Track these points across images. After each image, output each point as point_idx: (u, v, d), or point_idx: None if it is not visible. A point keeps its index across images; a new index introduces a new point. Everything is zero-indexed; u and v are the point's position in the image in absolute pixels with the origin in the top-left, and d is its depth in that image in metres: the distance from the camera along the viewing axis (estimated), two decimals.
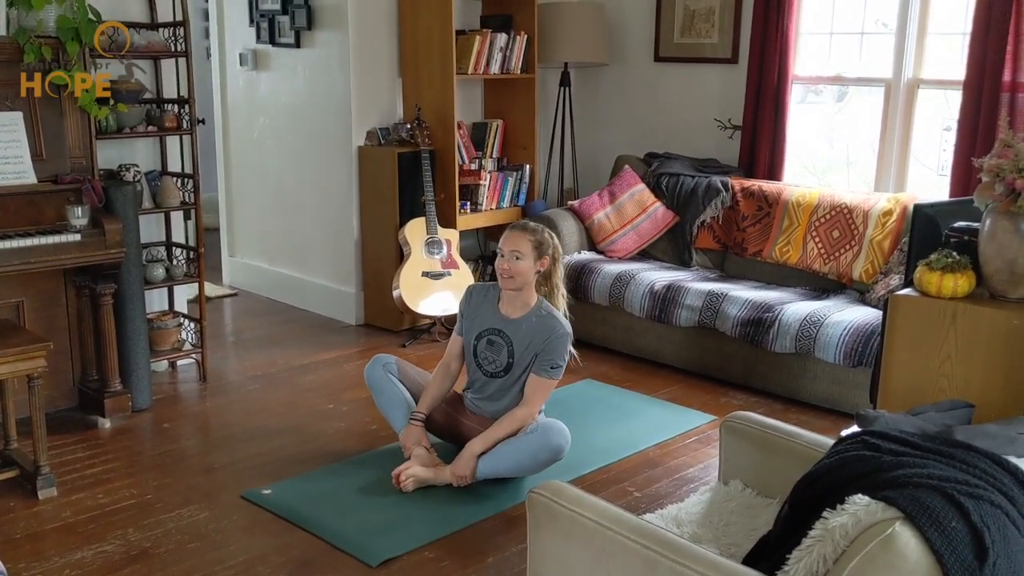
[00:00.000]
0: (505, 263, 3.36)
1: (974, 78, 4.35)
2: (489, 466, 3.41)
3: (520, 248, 3.35)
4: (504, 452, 3.39)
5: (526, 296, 3.44)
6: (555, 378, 3.46)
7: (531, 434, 3.39)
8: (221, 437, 4.03)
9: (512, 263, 3.35)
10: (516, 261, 3.35)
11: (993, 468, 1.68)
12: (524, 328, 3.44)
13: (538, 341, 3.40)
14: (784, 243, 4.85)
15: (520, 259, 3.35)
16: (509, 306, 3.47)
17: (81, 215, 3.78)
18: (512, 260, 3.35)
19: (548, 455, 3.39)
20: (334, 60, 5.36)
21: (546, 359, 3.40)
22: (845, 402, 4.15)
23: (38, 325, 3.96)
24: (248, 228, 6.33)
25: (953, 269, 2.32)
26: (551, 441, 3.39)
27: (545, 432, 3.40)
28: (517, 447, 3.39)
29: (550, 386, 3.47)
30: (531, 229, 3.41)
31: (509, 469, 3.43)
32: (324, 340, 5.29)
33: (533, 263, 3.37)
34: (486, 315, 3.53)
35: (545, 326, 3.41)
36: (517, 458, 3.39)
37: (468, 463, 3.41)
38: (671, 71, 5.63)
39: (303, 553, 3.05)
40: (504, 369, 3.49)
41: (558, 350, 3.41)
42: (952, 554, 1.50)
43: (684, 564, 1.80)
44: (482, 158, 5.61)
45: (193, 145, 4.47)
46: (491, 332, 3.50)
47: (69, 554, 3.03)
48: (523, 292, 3.43)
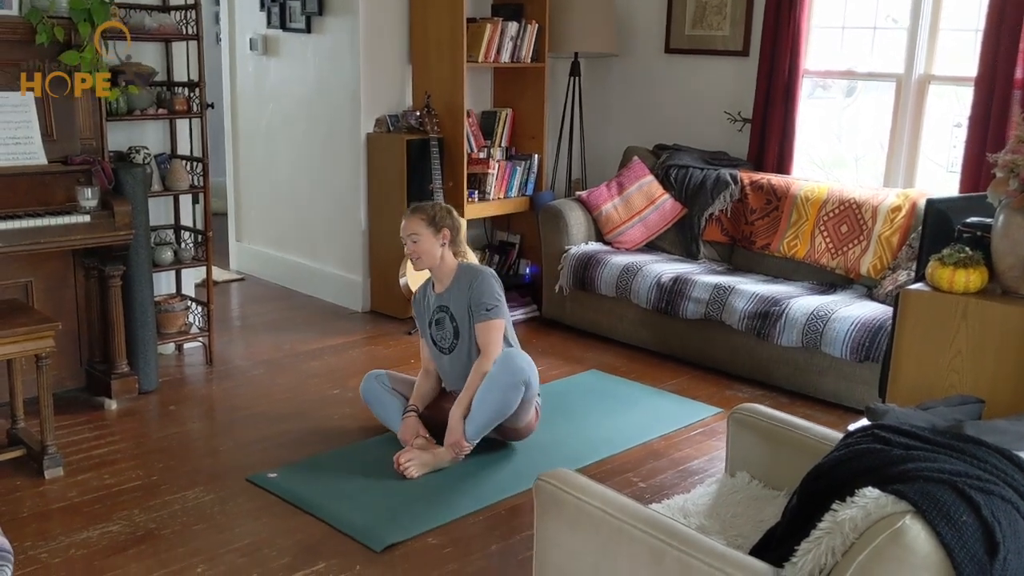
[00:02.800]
0: (409, 248, 3.58)
1: (986, 75, 4.33)
2: (473, 424, 3.49)
3: (415, 230, 3.56)
4: (478, 403, 3.48)
5: (447, 267, 3.64)
6: (496, 318, 3.57)
7: (491, 373, 3.47)
8: (227, 420, 4.04)
9: (414, 246, 3.57)
10: (417, 243, 3.56)
11: (1004, 463, 1.68)
12: (454, 292, 3.62)
13: (466, 294, 3.57)
14: (792, 237, 4.84)
15: (419, 239, 3.56)
16: (439, 284, 3.68)
17: (91, 196, 3.78)
18: (412, 243, 3.57)
19: (513, 379, 3.46)
20: (344, 46, 5.35)
21: (479, 305, 3.55)
22: (851, 397, 4.15)
23: (46, 306, 3.96)
24: (256, 213, 6.34)
25: (966, 264, 2.31)
26: (510, 366, 3.47)
27: (502, 364, 3.48)
28: (485, 391, 3.47)
29: (496, 327, 3.58)
30: (420, 209, 3.62)
31: (491, 416, 3.49)
32: (330, 327, 5.29)
33: (434, 237, 3.57)
34: (429, 304, 3.72)
35: (466, 279, 3.60)
36: (490, 400, 3.46)
37: (455, 429, 3.50)
38: (682, 63, 5.61)
39: (308, 537, 3.06)
40: (454, 336, 3.62)
41: (485, 291, 3.55)
42: (962, 548, 1.50)
43: (691, 554, 1.80)
44: (491, 147, 5.60)
45: (203, 128, 4.47)
46: (435, 313, 3.69)
47: (74, 534, 3.04)
48: (442, 266, 3.62)
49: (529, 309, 5.52)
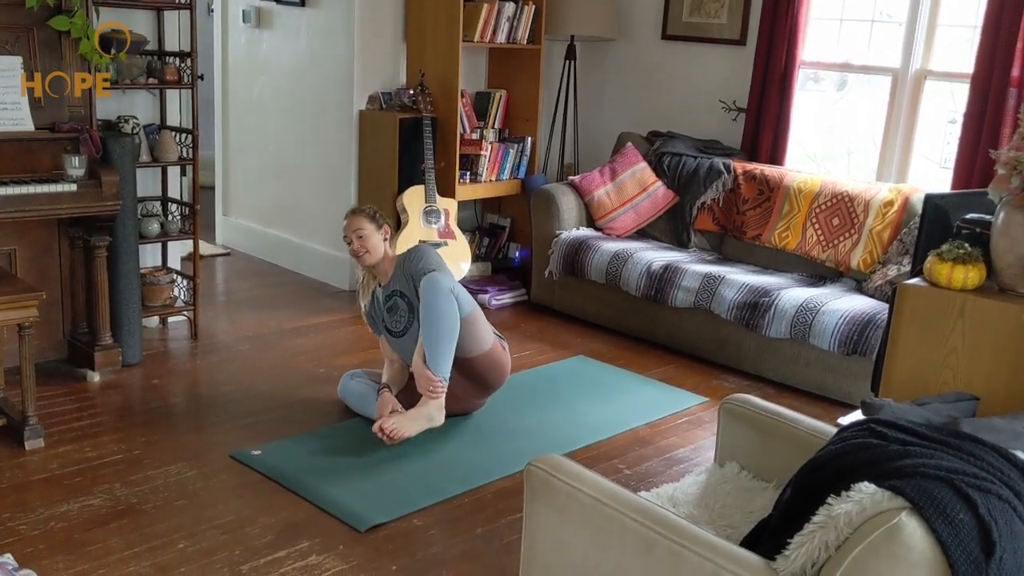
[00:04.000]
0: (356, 244, 3.71)
1: (982, 72, 4.33)
2: (432, 358, 3.52)
3: (361, 226, 3.71)
4: (425, 335, 3.52)
5: (388, 259, 3.78)
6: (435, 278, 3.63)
7: (421, 302, 3.54)
8: (211, 396, 4.01)
9: (360, 241, 3.70)
10: (364, 238, 3.70)
11: (1000, 462, 1.67)
12: (398, 275, 3.74)
13: (409, 272, 3.66)
14: (783, 228, 4.83)
15: (365, 235, 3.70)
16: (383, 278, 3.80)
17: (78, 165, 3.72)
18: (360, 239, 3.70)
19: (436, 294, 3.49)
20: (339, 20, 5.29)
21: (418, 271, 3.61)
22: (837, 390, 4.15)
23: (30, 275, 3.91)
24: (244, 188, 6.27)
25: (964, 261, 2.30)
26: (432, 286, 3.51)
27: (424, 287, 3.53)
28: (424, 322, 3.52)
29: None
30: (361, 210, 3.80)
31: (441, 340, 3.51)
32: (317, 304, 5.26)
33: (377, 232, 3.73)
34: (379, 304, 3.82)
35: (404, 259, 3.73)
36: (431, 325, 3.50)
37: (421, 374, 3.55)
38: (678, 50, 5.58)
39: (291, 515, 3.04)
40: (408, 311, 3.70)
41: (422, 258, 3.66)
42: (959, 546, 1.49)
43: (682, 544, 1.79)
44: (484, 128, 5.56)
45: (193, 100, 4.41)
46: (387, 302, 3.78)
47: (54, 506, 3.01)
48: (385, 259, 3.77)
49: (518, 293, 5.50)
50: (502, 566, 2.83)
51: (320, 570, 2.75)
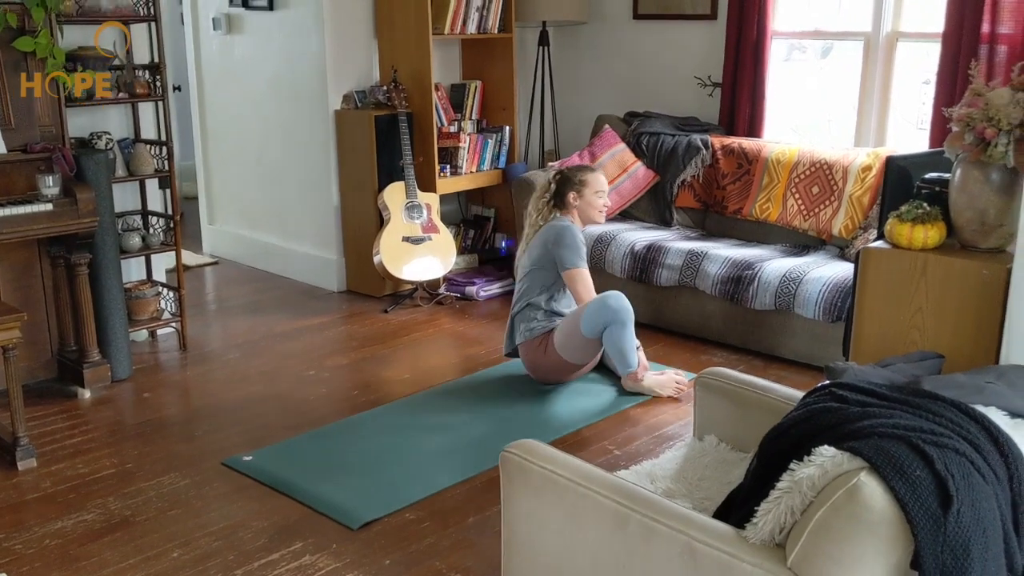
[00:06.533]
0: (605, 202, 4.22)
1: (952, 30, 4.32)
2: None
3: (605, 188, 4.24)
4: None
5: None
6: None
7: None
8: (202, 405, 4.02)
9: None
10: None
11: (959, 417, 1.68)
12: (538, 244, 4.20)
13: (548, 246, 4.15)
14: (764, 200, 4.83)
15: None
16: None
17: (52, 184, 3.74)
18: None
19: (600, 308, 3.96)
20: (308, 22, 5.29)
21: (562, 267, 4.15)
22: (825, 357, 4.15)
23: (13, 296, 3.92)
24: (227, 195, 6.28)
25: (923, 220, 2.31)
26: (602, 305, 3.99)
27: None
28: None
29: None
30: (592, 168, 4.32)
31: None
32: (306, 307, 5.27)
33: None
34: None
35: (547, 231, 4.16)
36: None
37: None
38: (650, 29, 5.57)
39: (284, 518, 3.06)
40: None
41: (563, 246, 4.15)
42: (916, 502, 1.51)
43: (655, 518, 1.81)
44: (461, 120, 5.56)
45: (165, 111, 4.42)
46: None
47: (49, 524, 3.03)
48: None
49: (505, 283, 5.51)
50: (495, 553, 2.84)
51: (313, 569, 2.78)
